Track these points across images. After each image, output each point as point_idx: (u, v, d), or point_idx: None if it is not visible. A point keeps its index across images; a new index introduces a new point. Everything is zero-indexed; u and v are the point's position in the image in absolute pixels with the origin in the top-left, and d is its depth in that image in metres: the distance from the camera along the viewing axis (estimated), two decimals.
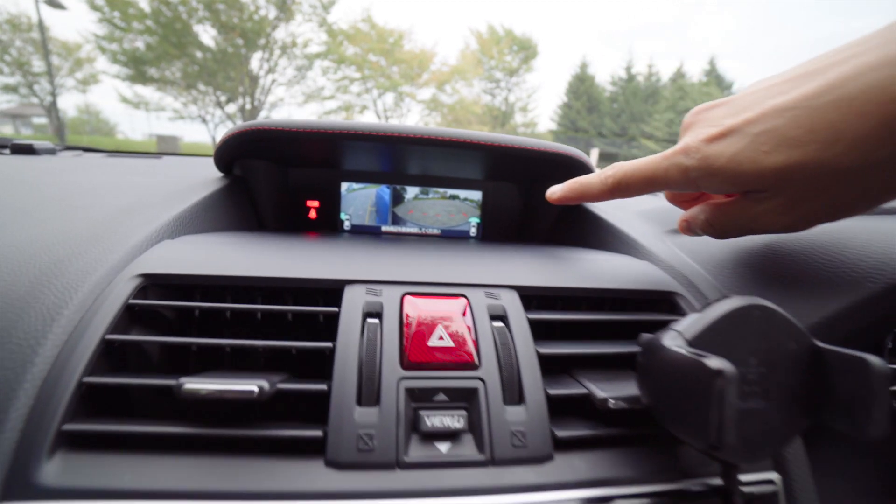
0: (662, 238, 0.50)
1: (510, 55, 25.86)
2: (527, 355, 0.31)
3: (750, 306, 0.25)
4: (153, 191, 0.50)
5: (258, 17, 14.95)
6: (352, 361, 0.28)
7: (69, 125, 25.38)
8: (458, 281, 0.35)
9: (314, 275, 0.33)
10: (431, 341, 0.30)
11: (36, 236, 0.35)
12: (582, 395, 0.30)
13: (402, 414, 0.27)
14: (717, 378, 0.21)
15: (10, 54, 16.40)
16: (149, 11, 13.53)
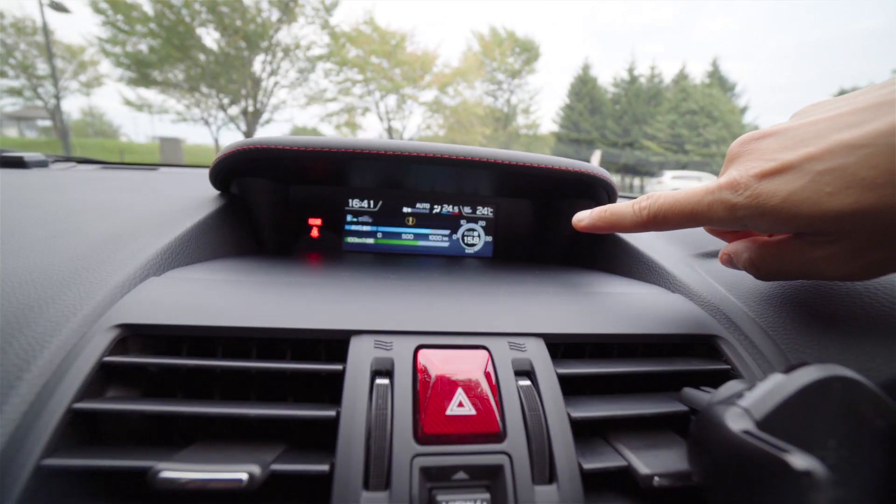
0: (691, 264, 0.45)
1: (512, 57, 25.84)
2: (558, 421, 0.26)
3: (831, 378, 0.21)
4: (143, 213, 0.44)
5: (261, 19, 14.98)
6: (358, 433, 0.24)
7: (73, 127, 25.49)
8: (478, 330, 0.30)
9: (316, 325, 0.29)
10: (450, 409, 0.25)
11: (9, 272, 0.31)
12: (621, 467, 0.25)
13: (417, 499, 0.23)
14: (805, 480, 0.17)
15: (14, 57, 16.46)
16: (152, 14, 13.57)
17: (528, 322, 0.31)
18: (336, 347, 0.29)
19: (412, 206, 0.63)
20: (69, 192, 0.59)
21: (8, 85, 17.15)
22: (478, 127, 22.80)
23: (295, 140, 0.45)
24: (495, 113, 26.38)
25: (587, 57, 35.19)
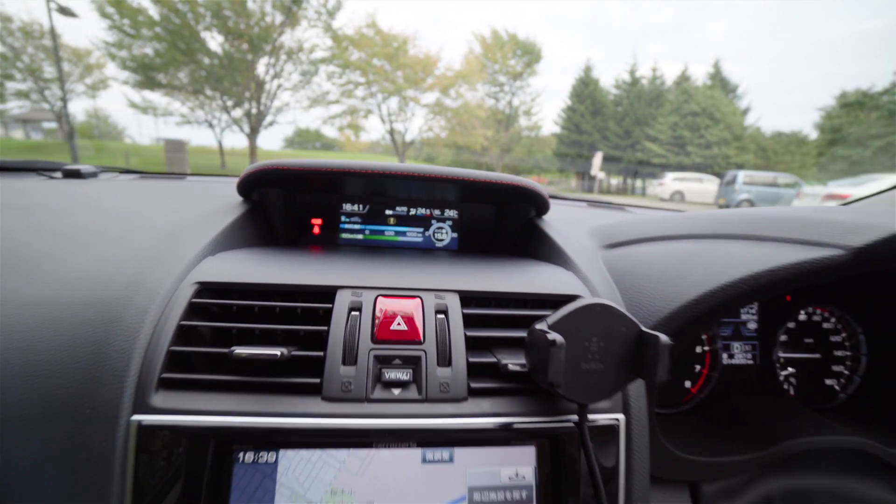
0: (596, 252, 0.59)
1: (514, 59, 25.94)
2: (458, 337, 0.43)
3: (592, 304, 0.37)
4: (189, 214, 0.61)
5: (265, 23, 15.15)
6: (339, 338, 0.41)
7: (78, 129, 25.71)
8: (418, 286, 0.46)
9: (316, 282, 0.46)
10: (393, 325, 0.42)
11: (114, 253, 0.48)
12: (492, 362, 0.42)
13: (370, 371, 0.40)
14: (552, 345, 0.34)
15: (22, 61, 16.70)
16: (157, 18, 13.76)
17: (451, 283, 0.48)
18: (328, 296, 0.45)
19: (393, 209, 0.76)
20: (128, 198, 0.75)
21: (15, 88, 17.39)
22: (479, 129, 22.90)
23: (300, 162, 0.60)
24: (497, 115, 26.48)
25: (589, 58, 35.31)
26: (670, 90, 27.48)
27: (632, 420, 0.42)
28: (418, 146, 24.22)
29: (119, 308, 0.40)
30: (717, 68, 27.40)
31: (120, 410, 0.35)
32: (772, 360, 0.69)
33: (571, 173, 28.92)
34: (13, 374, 0.37)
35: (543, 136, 29.46)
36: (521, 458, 0.39)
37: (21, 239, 0.54)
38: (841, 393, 0.71)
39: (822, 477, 0.58)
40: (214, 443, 0.35)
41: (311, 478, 0.36)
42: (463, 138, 22.70)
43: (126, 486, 0.34)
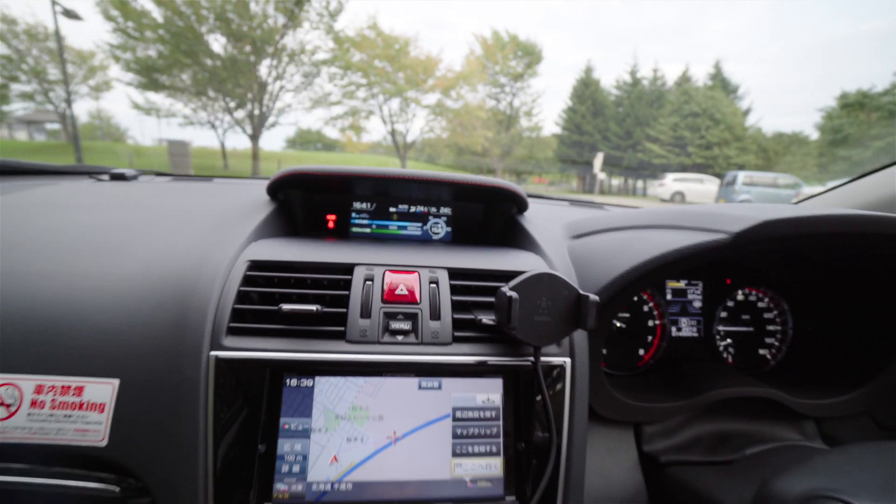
0: (562, 240, 0.73)
1: (515, 60, 26.08)
2: (445, 300, 0.57)
3: (542, 273, 0.51)
4: (228, 210, 0.75)
5: (267, 25, 15.30)
6: (357, 300, 0.55)
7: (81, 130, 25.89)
8: (416, 264, 0.60)
9: (339, 260, 0.59)
10: (398, 290, 0.56)
11: (179, 240, 0.63)
12: (471, 318, 0.56)
13: (381, 322, 0.54)
14: (509, 297, 0.48)
15: (26, 63, 16.90)
16: (161, 21, 13.92)
17: (442, 263, 0.62)
18: (348, 269, 0.59)
19: (396, 206, 0.90)
20: (168, 197, 0.89)
21: (20, 90, 17.60)
22: (480, 130, 23.03)
23: (319, 168, 0.74)
24: (498, 116, 26.62)
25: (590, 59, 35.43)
26: (671, 91, 27.58)
27: (576, 363, 0.55)
28: (419, 147, 24.38)
29: (194, 279, 0.54)
30: (717, 69, 27.49)
31: (202, 349, 0.49)
32: (713, 333, 0.83)
33: (572, 174, 29.06)
34: (123, 326, 0.51)
35: (544, 137, 29.58)
36: (491, 387, 0.53)
37: (102, 230, 0.68)
38: (772, 361, 0.84)
39: (740, 422, 0.72)
40: (269, 371, 0.49)
41: (338, 397, 0.50)
42: (464, 139, 22.84)
43: (209, 401, 0.47)
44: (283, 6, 15.10)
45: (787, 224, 0.52)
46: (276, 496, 0.47)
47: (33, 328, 0.51)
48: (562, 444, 0.52)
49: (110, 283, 0.55)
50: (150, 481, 0.47)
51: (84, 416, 0.48)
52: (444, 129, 23.08)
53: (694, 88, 25.84)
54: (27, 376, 0.48)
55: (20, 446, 0.48)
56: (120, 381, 0.49)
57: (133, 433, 0.48)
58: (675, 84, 27.83)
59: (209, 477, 0.46)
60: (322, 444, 0.49)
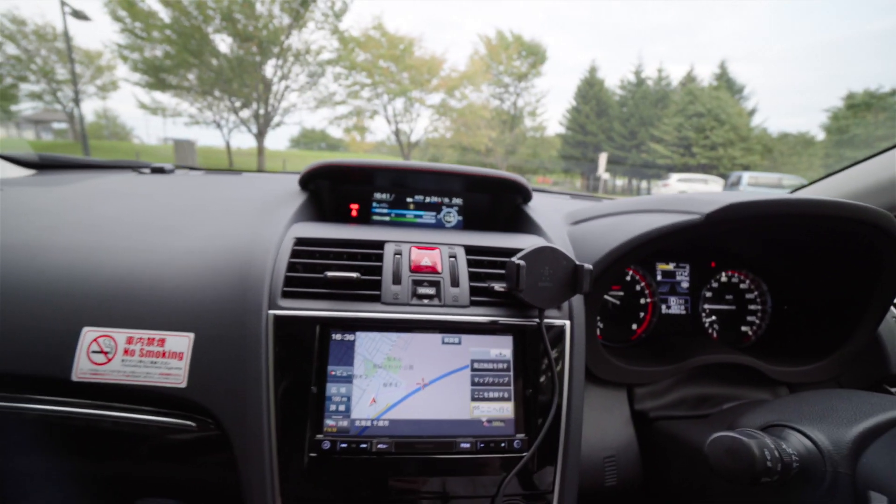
0: (562, 225, 0.83)
1: (519, 60, 26.15)
2: (463, 271, 0.67)
3: (543, 247, 0.61)
4: (266, 199, 0.84)
5: (273, 25, 15.44)
6: (389, 269, 0.65)
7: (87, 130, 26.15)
8: (437, 242, 0.70)
9: (372, 238, 0.69)
10: (423, 262, 0.66)
11: (229, 222, 0.73)
12: (485, 286, 0.66)
13: (409, 288, 0.63)
14: (517, 265, 0.59)
15: (35, 63, 17.12)
16: (168, 21, 14.08)
17: (459, 241, 0.72)
18: (380, 245, 0.68)
19: (412, 197, 1.00)
20: (207, 188, 0.99)
21: (28, 89, 17.84)
22: (484, 130, 23.13)
23: (347, 160, 0.83)
24: (502, 115, 26.69)
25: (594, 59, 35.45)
26: (676, 91, 27.59)
27: (574, 325, 0.65)
28: (423, 147, 24.49)
29: (251, 252, 0.64)
30: (723, 69, 27.44)
31: (262, 308, 0.59)
32: (699, 311, 0.92)
33: (576, 174, 29.13)
34: (194, 290, 0.61)
35: (548, 137, 29.64)
36: (503, 343, 0.63)
37: (160, 213, 0.79)
38: (752, 336, 0.94)
39: (720, 387, 0.82)
40: (319, 326, 0.59)
41: (375, 349, 0.60)
42: (468, 139, 22.94)
43: (269, 351, 0.57)
44: (289, 6, 15.24)
45: (749, 206, 0.62)
46: (326, 430, 0.57)
47: (122, 292, 0.61)
48: (563, 391, 0.62)
49: (178, 256, 0.66)
50: (222, 417, 0.58)
51: (167, 362, 0.58)
52: (447, 128, 23.22)
53: (699, 88, 25.80)
54: (120, 330, 0.59)
55: (116, 386, 0.58)
56: (195, 335, 0.59)
57: (207, 377, 0.58)
58: (680, 84, 27.85)
59: (271, 412, 0.56)
60: (363, 388, 0.59)
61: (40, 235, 0.70)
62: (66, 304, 0.60)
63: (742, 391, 0.82)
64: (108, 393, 0.59)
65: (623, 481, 0.73)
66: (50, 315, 0.60)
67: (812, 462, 0.45)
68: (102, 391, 0.58)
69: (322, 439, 0.56)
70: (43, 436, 0.61)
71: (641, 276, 0.91)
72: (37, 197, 0.88)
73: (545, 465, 0.61)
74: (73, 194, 0.91)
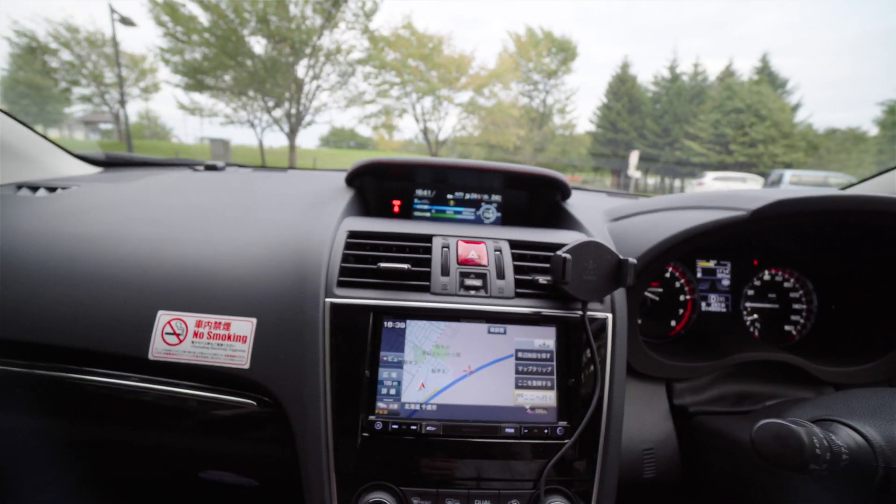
0: (602, 222, 0.85)
1: (549, 57, 25.83)
2: (508, 264, 0.69)
3: (589, 241, 0.62)
4: (317, 195, 0.89)
5: (305, 26, 15.80)
6: (438, 262, 0.67)
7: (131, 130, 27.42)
8: (483, 236, 0.72)
9: (422, 231, 0.73)
10: (469, 256, 0.69)
11: (284, 216, 0.78)
12: (530, 279, 0.67)
13: (457, 280, 0.66)
14: (564, 258, 0.61)
15: (86, 67, 18.12)
16: (207, 25, 14.63)
17: (504, 235, 0.74)
18: (428, 238, 0.71)
19: (452, 193, 1.03)
20: (258, 184, 1.05)
21: (80, 92, 18.93)
22: (512, 128, 22.95)
23: (392, 158, 0.88)
24: (531, 113, 26.44)
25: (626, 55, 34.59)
26: (713, 86, 26.59)
27: (616, 318, 0.66)
28: (451, 145, 24.52)
29: (307, 244, 0.68)
30: (764, 62, 26.25)
31: (319, 296, 0.63)
32: (740, 310, 0.92)
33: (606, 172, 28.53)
34: (256, 278, 0.66)
35: (578, 135, 29.13)
36: (546, 334, 0.65)
37: (220, 207, 0.85)
38: (796, 336, 0.92)
39: (762, 384, 0.81)
40: (373, 314, 0.63)
41: (425, 337, 0.63)
42: (496, 137, 22.82)
43: (326, 336, 0.61)
44: (321, 7, 15.56)
45: (798, 203, 0.62)
46: (378, 412, 0.61)
47: (190, 280, 0.67)
48: (605, 382, 0.64)
49: (240, 247, 0.71)
50: (283, 397, 0.62)
51: (232, 345, 0.63)
52: (476, 127, 23.15)
53: (738, 83, 24.78)
54: (190, 314, 0.64)
55: (187, 365, 0.63)
56: (257, 320, 0.64)
57: (269, 360, 0.63)
58: (718, 79, 26.81)
59: (328, 394, 0.61)
60: (412, 373, 0.62)
61: (118, 227, 0.77)
62: (144, 289, 0.66)
63: (785, 390, 0.81)
64: (180, 371, 0.64)
65: (661, 474, 0.74)
66: (130, 299, 0.66)
67: (863, 456, 0.45)
68: (175, 370, 0.64)
69: (374, 420, 0.60)
70: (121, 409, 0.67)
71: (681, 274, 0.90)
72: (109, 192, 0.96)
73: (586, 454, 0.63)
74: (140, 189, 0.99)
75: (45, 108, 18.22)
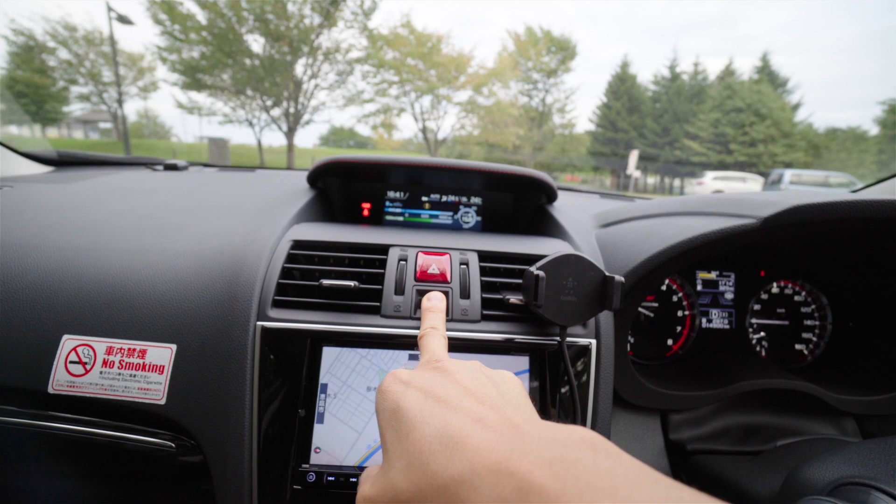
0: (590, 229, 0.75)
1: (548, 56, 25.67)
2: (475, 280, 0.59)
3: (567, 255, 0.51)
4: (272, 196, 0.80)
5: (304, 25, 15.70)
6: (392, 278, 0.58)
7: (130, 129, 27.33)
8: (448, 246, 0.63)
9: (376, 241, 0.62)
10: (430, 270, 0.59)
11: (229, 221, 0.68)
12: (499, 298, 0.58)
13: (412, 299, 0.56)
14: (536, 275, 0.49)
15: (84, 66, 18.01)
16: (205, 23, 14.53)
17: (472, 246, 0.64)
18: (384, 250, 0.61)
19: (427, 196, 0.93)
20: (217, 185, 0.95)
21: (78, 91, 18.81)
22: (512, 127, 22.85)
23: (355, 156, 0.77)
24: (530, 112, 26.29)
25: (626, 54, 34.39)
26: (713, 86, 26.44)
27: (601, 344, 0.56)
28: (450, 144, 24.40)
29: (242, 256, 0.58)
30: (765, 62, 26.12)
31: (249, 319, 0.53)
32: (745, 326, 0.82)
33: (606, 172, 28.39)
34: (180, 297, 0.56)
35: (577, 134, 29.00)
36: (518, 364, 0.55)
37: (160, 212, 0.75)
38: (809, 356, 0.82)
39: (773, 416, 0.71)
40: (310, 340, 0.53)
41: (374, 368, 0.53)
42: (495, 136, 22.71)
43: (255, 367, 0.52)
44: (319, 6, 15.44)
45: (818, 209, 0.52)
46: (315, 459, 0.51)
47: (105, 297, 0.56)
48: (587, 419, 0.54)
49: (169, 259, 0.61)
50: (202, 438, 0.52)
51: (146, 376, 0.53)
52: (475, 126, 23.03)
53: (738, 83, 24.64)
54: (100, 339, 0.54)
55: (94, 400, 0.53)
56: (177, 346, 0.54)
57: (188, 394, 0.53)
58: (718, 78, 26.66)
59: (254, 436, 0.51)
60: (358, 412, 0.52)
61: (37, 234, 0.67)
62: (50, 308, 0.56)
63: (799, 422, 0.71)
64: (85, 406, 0.54)
65: None
66: (32, 321, 0.56)
67: None
68: (79, 404, 0.54)
69: (307, 470, 0.50)
70: (11, 450, 0.57)
71: (679, 286, 0.80)
72: (43, 194, 0.86)
73: None
74: (79, 192, 0.89)
75: (44, 107, 18.03)
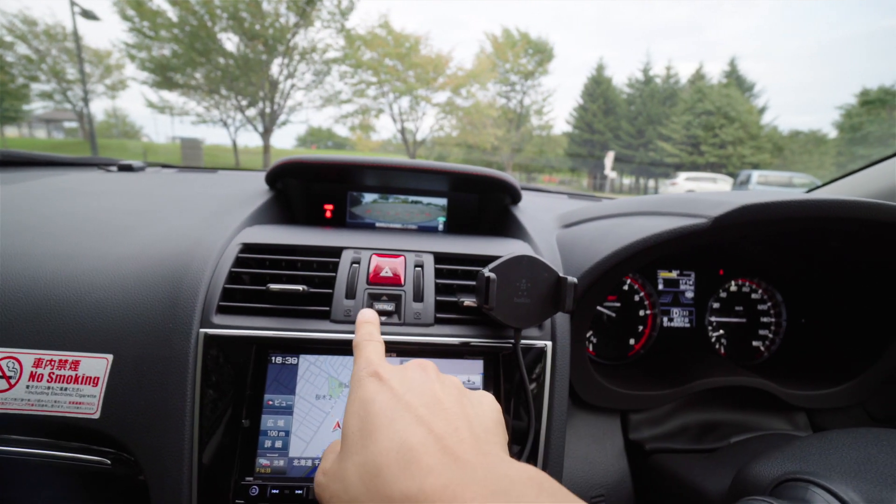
0: (552, 229, 0.74)
1: (526, 58, 25.96)
2: (429, 282, 0.57)
3: (521, 256, 0.51)
4: (227, 199, 0.76)
5: (279, 24, 15.44)
6: (343, 281, 0.55)
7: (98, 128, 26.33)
8: (403, 248, 0.61)
9: (328, 244, 0.60)
10: (382, 273, 0.57)
11: (178, 224, 0.65)
12: (453, 301, 0.57)
13: (364, 302, 0.55)
14: (487, 277, 0.48)
15: (46, 63, 17.26)
16: (176, 20, 14.12)
17: (428, 248, 0.62)
18: (336, 252, 0.59)
19: (392, 197, 0.91)
20: (173, 186, 0.91)
21: (40, 89, 18.01)
22: (490, 128, 22.98)
23: (314, 157, 0.75)
24: (508, 114, 26.52)
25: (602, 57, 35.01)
26: (684, 89, 27.22)
27: (557, 346, 0.56)
28: (429, 145, 24.39)
29: (187, 260, 0.55)
30: (733, 66, 27.08)
31: (192, 325, 0.50)
32: (705, 324, 0.83)
33: (583, 173, 28.87)
34: (118, 303, 0.53)
35: (555, 136, 29.41)
36: (472, 368, 0.54)
37: (105, 215, 0.71)
38: (765, 353, 0.84)
39: (730, 412, 0.72)
40: (255, 348, 0.50)
41: (321, 376, 0.51)
42: (474, 137, 22.81)
43: (196, 376, 0.49)
44: (295, 5, 15.21)
45: (765, 209, 0.52)
46: (259, 471, 0.49)
47: (34, 305, 0.53)
48: (541, 426, 0.53)
49: (109, 264, 0.57)
50: (139, 454, 0.49)
51: (79, 389, 0.50)
52: (454, 127, 23.10)
53: (708, 86, 25.46)
54: (27, 350, 0.51)
55: (19, 417, 0.50)
56: (113, 357, 0.51)
57: (124, 406, 0.50)
58: (689, 82, 27.47)
59: (195, 451, 0.48)
60: (304, 421, 0.50)
61: None
62: None
63: (754, 418, 0.72)
64: (11, 424, 0.51)
65: None
66: None
67: None
68: (4, 422, 0.50)
69: (250, 483, 0.48)
70: None
71: (641, 286, 0.81)
72: None
73: None
74: (18, 194, 0.83)
75: (1, 105, 17.21)
